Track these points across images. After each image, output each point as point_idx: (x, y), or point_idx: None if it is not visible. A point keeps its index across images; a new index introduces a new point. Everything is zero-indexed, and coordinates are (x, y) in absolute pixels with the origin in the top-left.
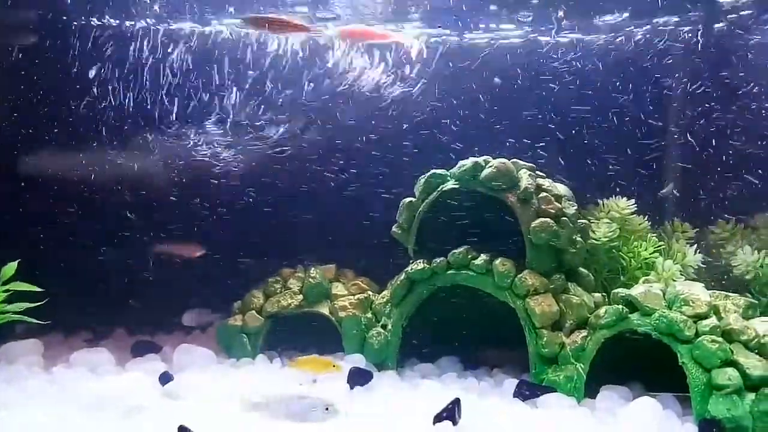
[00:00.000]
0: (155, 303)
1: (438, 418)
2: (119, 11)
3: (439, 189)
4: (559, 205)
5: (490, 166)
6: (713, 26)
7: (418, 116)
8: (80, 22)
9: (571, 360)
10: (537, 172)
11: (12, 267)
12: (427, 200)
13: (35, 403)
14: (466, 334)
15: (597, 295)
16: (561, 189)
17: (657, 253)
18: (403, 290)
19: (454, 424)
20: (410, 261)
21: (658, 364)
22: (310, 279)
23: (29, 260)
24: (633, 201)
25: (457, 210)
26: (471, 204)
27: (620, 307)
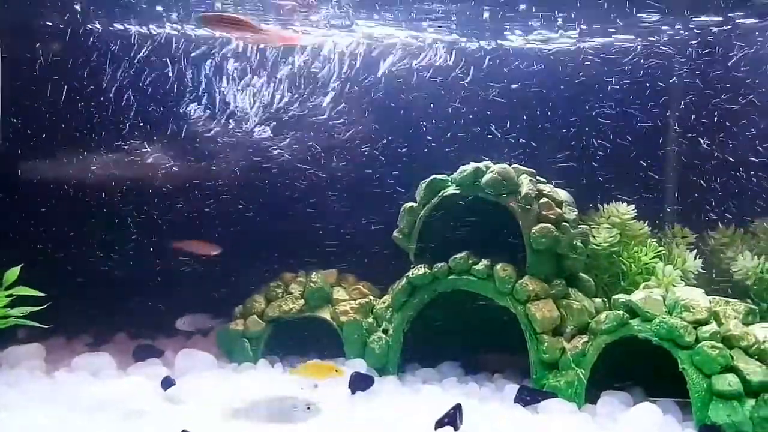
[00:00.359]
0: (156, 307)
1: (440, 424)
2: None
3: (440, 194)
4: (559, 210)
5: (491, 172)
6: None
7: (423, 120)
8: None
9: (572, 365)
10: (537, 177)
11: (15, 272)
12: (429, 205)
13: (37, 406)
14: (467, 339)
15: (597, 300)
16: (562, 194)
17: (657, 259)
18: (404, 295)
19: (456, 429)
20: (411, 266)
21: (659, 369)
22: (311, 284)
23: (30, 263)
24: (633, 206)
25: (458, 215)
26: (472, 209)
27: (621, 312)
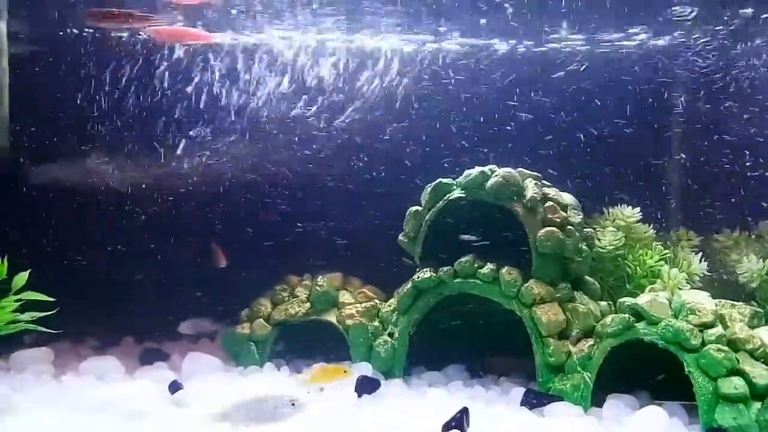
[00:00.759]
0: (162, 311)
1: (446, 427)
2: None
3: (445, 198)
4: (564, 214)
5: (496, 176)
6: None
7: (428, 124)
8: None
9: (578, 369)
10: (543, 181)
11: (23, 277)
12: (434, 209)
13: (45, 410)
14: (472, 342)
15: (603, 303)
16: (567, 198)
17: (662, 262)
18: (409, 299)
19: None
20: (417, 269)
21: (666, 372)
22: (317, 287)
23: (37, 268)
24: (638, 209)
25: (463, 219)
26: (477, 213)
27: (627, 316)
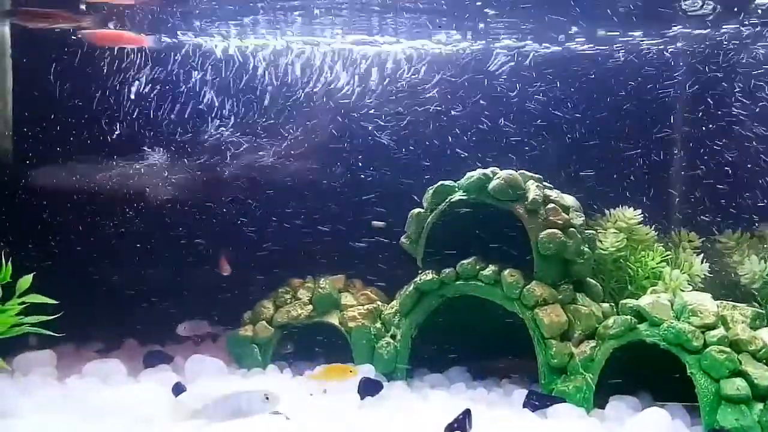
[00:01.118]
0: (165, 313)
1: (449, 429)
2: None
3: (447, 200)
4: (566, 215)
5: (498, 178)
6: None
7: (430, 127)
8: None
9: (580, 370)
10: (545, 183)
11: (27, 280)
12: (436, 211)
13: (51, 413)
14: (475, 344)
15: (605, 305)
16: (568, 200)
17: (664, 263)
18: (412, 301)
19: None
20: (419, 271)
21: (667, 373)
22: (319, 289)
23: (40, 270)
24: (639, 211)
25: (465, 221)
26: (479, 215)
27: (629, 317)
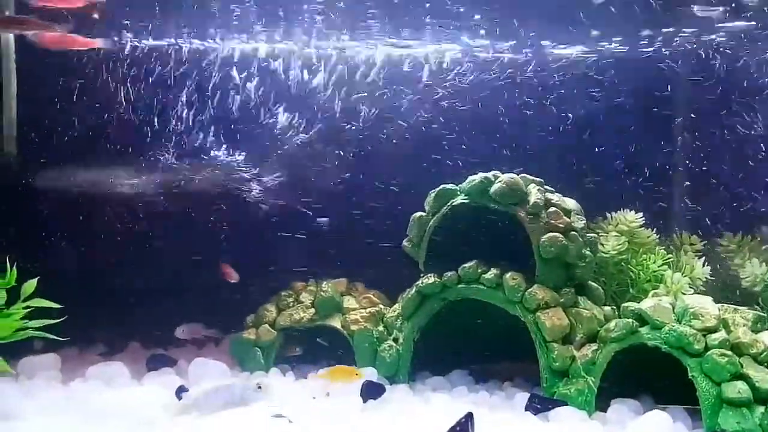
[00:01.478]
0: (169, 316)
1: None
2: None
3: (449, 204)
4: (568, 219)
5: (500, 181)
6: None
7: (432, 129)
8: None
9: (582, 373)
10: (546, 186)
11: (32, 284)
12: (438, 215)
13: (55, 416)
14: (477, 347)
15: (606, 308)
16: (570, 203)
17: (665, 266)
18: (414, 304)
19: None
20: (421, 275)
21: (669, 376)
22: (321, 293)
23: (44, 274)
24: (640, 214)
25: (467, 224)
26: (481, 218)
27: (630, 320)
